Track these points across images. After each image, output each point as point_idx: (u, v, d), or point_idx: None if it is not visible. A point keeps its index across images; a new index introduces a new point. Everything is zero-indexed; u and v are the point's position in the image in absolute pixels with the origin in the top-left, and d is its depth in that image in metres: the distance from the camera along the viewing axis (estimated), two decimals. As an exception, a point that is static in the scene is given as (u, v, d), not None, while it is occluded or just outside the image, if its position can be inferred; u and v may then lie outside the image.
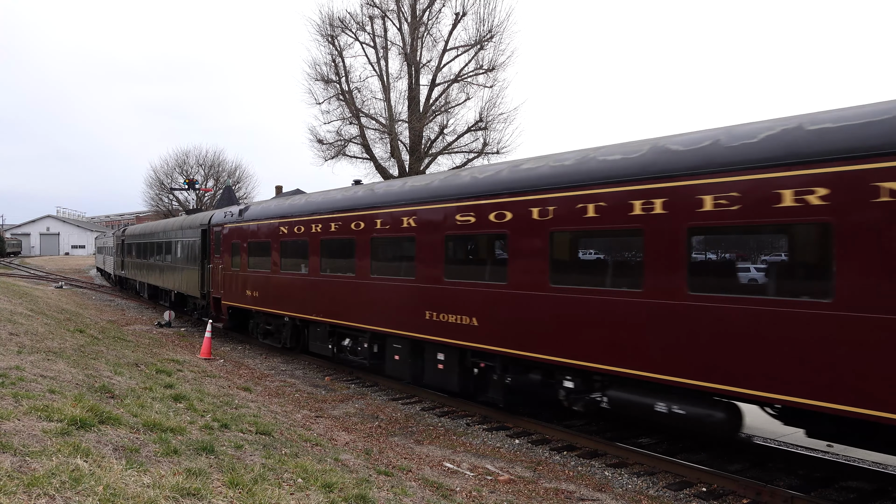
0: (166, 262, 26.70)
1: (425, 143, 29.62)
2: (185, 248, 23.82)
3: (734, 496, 7.67)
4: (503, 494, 7.54)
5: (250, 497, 4.94)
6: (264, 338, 17.82)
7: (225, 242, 19.20)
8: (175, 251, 25.18)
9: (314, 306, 14.39)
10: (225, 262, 19.20)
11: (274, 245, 16.11)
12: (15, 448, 4.79)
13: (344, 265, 13.45)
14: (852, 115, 6.28)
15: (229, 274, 18.86)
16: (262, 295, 16.75)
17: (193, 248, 22.48)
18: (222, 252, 19.38)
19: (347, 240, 13.20)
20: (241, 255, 17.96)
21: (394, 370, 12.41)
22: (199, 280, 21.74)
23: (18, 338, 11.49)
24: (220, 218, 20.02)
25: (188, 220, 24.78)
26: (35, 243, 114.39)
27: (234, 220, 18.68)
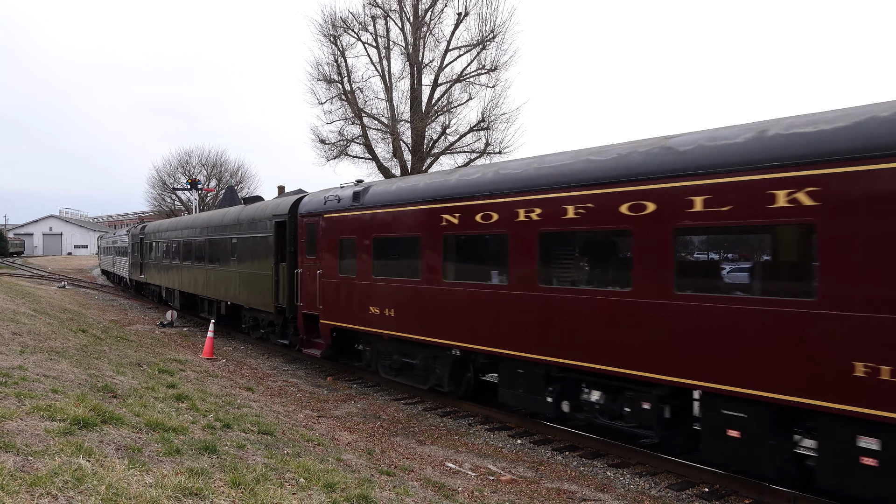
0: (214, 265, 21.23)
1: (427, 143, 29.63)
2: (246, 246, 18.47)
3: (736, 496, 7.66)
4: (505, 494, 7.54)
5: (252, 497, 4.94)
6: (396, 374, 12.86)
7: (326, 238, 14.19)
8: (229, 251, 19.81)
9: (519, 336, 9.54)
10: (326, 266, 14.16)
11: (429, 242, 11.26)
12: (18, 447, 4.80)
13: (598, 275, 8.83)
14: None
15: (334, 283, 13.86)
16: (402, 314, 11.93)
17: (262, 247, 17.19)
18: (320, 251, 14.37)
19: (612, 232, 8.53)
20: (360, 257, 13.05)
21: (730, 457, 7.44)
22: (273, 289, 16.41)
23: (21, 337, 11.51)
24: (317, 204, 14.77)
25: (251, 210, 18.84)
26: (38, 243, 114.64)
27: (343, 206, 13.71)
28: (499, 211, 9.95)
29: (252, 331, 19.38)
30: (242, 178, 61.57)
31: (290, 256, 15.72)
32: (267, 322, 17.97)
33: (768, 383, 6.81)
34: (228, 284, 19.99)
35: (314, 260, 14.66)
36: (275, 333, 17.51)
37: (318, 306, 14.40)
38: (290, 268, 15.66)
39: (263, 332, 18.41)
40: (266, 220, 17.15)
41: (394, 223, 12.23)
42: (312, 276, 14.71)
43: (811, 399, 6.48)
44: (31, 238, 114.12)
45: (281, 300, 16.14)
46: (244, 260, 18.60)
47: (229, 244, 19.92)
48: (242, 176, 61.82)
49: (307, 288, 14.90)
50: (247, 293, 18.45)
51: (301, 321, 15.23)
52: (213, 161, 61.86)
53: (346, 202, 13.70)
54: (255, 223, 17.95)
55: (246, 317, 19.67)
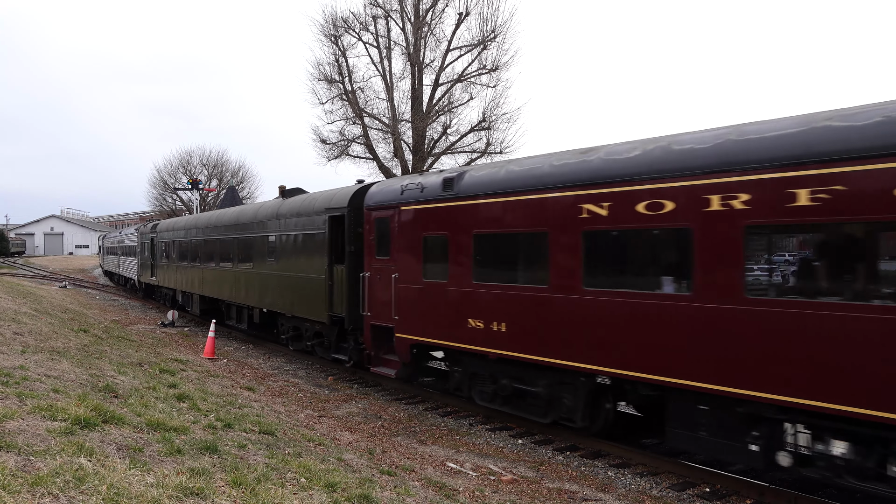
0: (245, 266, 18.74)
1: (428, 143, 29.63)
2: (289, 245, 16.03)
3: (737, 496, 7.65)
4: (506, 494, 7.54)
5: (253, 497, 4.94)
6: (503, 403, 10.43)
7: (405, 235, 11.72)
8: (265, 251, 17.31)
9: (713, 363, 7.35)
10: (404, 269, 11.69)
11: (561, 239, 8.97)
12: (19, 447, 4.80)
13: (852, 283, 6.45)
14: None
15: (416, 289, 11.42)
16: (517, 329, 9.64)
17: (311, 246, 14.83)
18: (396, 251, 11.92)
19: (885, 225, 6.16)
20: (454, 257, 10.64)
21: None
22: (327, 295, 13.95)
23: (23, 337, 11.52)
24: (391, 195, 12.23)
25: (295, 204, 16.13)
26: (39, 243, 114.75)
27: (429, 195, 11.20)
28: (676, 198, 7.74)
29: (292, 342, 16.70)
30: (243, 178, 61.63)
31: (349, 257, 13.28)
32: (312, 333, 15.44)
33: None
34: (264, 289, 17.32)
35: (387, 261, 12.11)
36: (324, 346, 15.05)
37: (392, 317, 11.84)
38: (352, 271, 13.23)
39: (309, 345, 15.73)
40: (316, 214, 14.59)
41: (505, 216, 9.87)
42: (385, 280, 12.12)
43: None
44: (33, 238, 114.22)
45: (337, 308, 13.67)
46: (286, 261, 16.08)
47: (265, 243, 17.33)
48: (243, 176, 61.89)
49: (377, 295, 12.32)
50: (289, 299, 15.91)
51: (368, 334, 12.61)
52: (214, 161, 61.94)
53: (432, 191, 11.15)
54: (301, 218, 15.39)
55: (285, 326, 16.98)
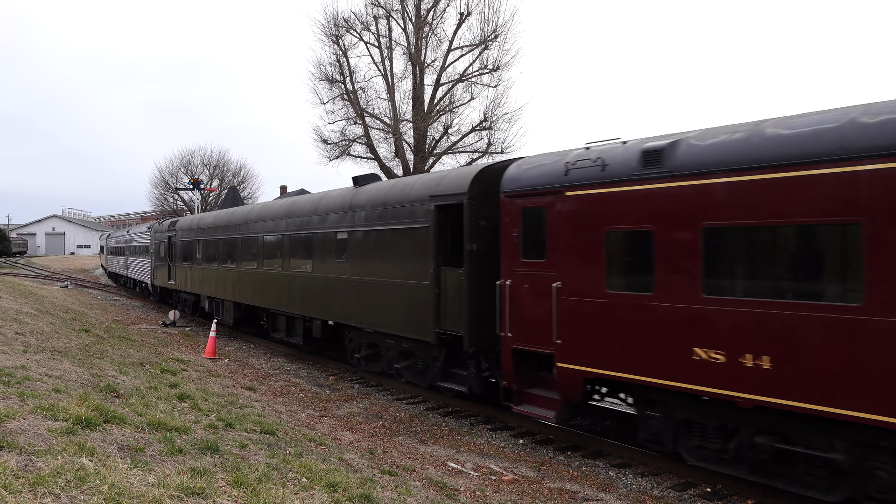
0: (304, 268, 15.63)
1: (430, 143, 29.65)
2: (375, 242, 12.84)
3: (738, 497, 7.65)
4: (507, 494, 7.54)
5: (255, 496, 4.94)
6: (750, 468, 7.40)
7: (572, 230, 8.86)
8: (336, 250, 14.15)
9: None
10: (571, 275, 8.83)
11: (890, 233, 6.11)
12: (20, 447, 4.81)
13: None
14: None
15: (595, 304, 8.54)
16: (792, 364, 6.71)
17: (407, 245, 11.84)
18: (557, 252, 9.03)
19: None
20: (664, 260, 7.77)
21: None
22: (433, 306, 11.05)
23: (24, 337, 11.53)
24: (548, 175, 9.24)
25: (384, 189, 13.08)
26: (41, 243, 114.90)
27: (615, 175, 8.35)
28: None
29: (368, 362, 13.75)
30: (245, 177, 61.67)
31: (471, 259, 10.32)
32: (399, 352, 12.56)
33: None
34: (329, 297, 14.35)
35: (541, 266, 9.22)
36: (417, 370, 12.16)
37: (551, 340, 8.95)
38: (475, 276, 10.31)
39: (397, 368, 12.71)
40: (414, 203, 11.61)
41: (767, 202, 6.88)
42: (537, 290, 9.24)
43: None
44: (34, 238, 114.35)
45: (450, 324, 10.73)
46: (364, 263, 13.11)
47: (331, 241, 14.33)
48: (245, 176, 61.91)
49: (524, 310, 9.45)
50: (370, 310, 12.87)
51: (509, 361, 9.66)
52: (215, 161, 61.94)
53: (623, 168, 8.24)
54: (388, 209, 12.41)
55: (355, 342, 14.06)
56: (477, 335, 10.39)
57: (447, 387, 11.38)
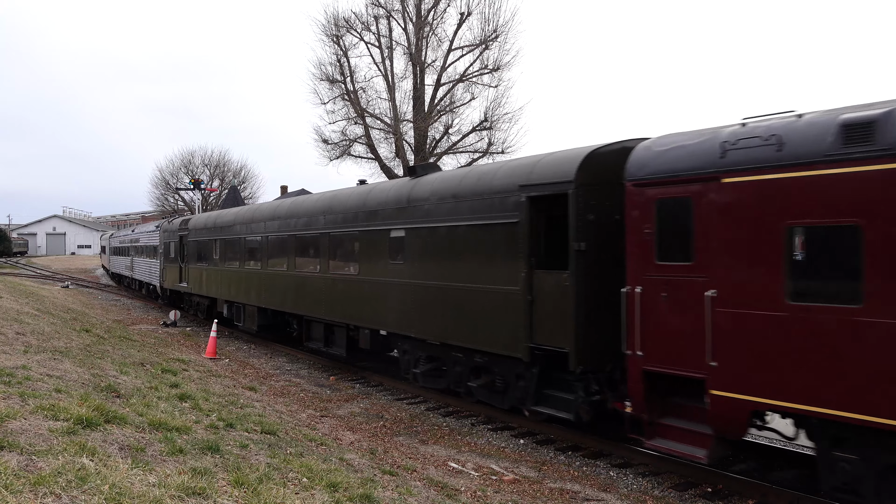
0: (348, 270, 13.78)
1: (430, 143, 29.67)
2: (443, 241, 11.02)
3: (739, 497, 7.64)
4: (508, 494, 7.54)
5: (255, 496, 4.95)
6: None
7: (732, 226, 7.27)
8: (390, 250, 12.32)
9: None
10: (731, 283, 7.25)
11: None
12: (21, 447, 4.81)
13: None
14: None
15: (768, 318, 6.95)
16: None
17: (490, 242, 10.04)
18: (709, 253, 7.44)
19: None
20: (887, 264, 6.15)
21: None
22: (524, 316, 9.36)
23: (25, 337, 11.54)
24: (692, 156, 7.64)
25: (455, 179, 11.28)
26: (41, 243, 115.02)
27: (803, 155, 6.77)
28: None
29: (427, 378, 11.83)
30: (245, 178, 61.76)
31: (579, 261, 8.62)
32: (470, 368, 10.81)
33: None
34: (381, 303, 12.57)
35: (687, 270, 7.60)
36: (495, 390, 10.35)
37: (704, 361, 7.32)
38: (584, 281, 8.67)
39: (472, 387, 10.74)
40: (499, 195, 9.85)
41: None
42: (682, 299, 7.62)
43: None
44: (35, 238, 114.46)
45: (550, 337, 9.03)
46: (428, 264, 11.29)
47: (383, 240, 12.48)
48: (245, 176, 62.01)
49: (662, 322, 7.84)
50: (436, 318, 11.11)
51: (639, 386, 8.03)
52: (216, 161, 62.04)
53: (807, 148, 6.72)
54: (462, 202, 10.60)
55: (411, 355, 12.21)
56: (587, 352, 8.67)
57: (543, 412, 9.48)
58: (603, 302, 8.63)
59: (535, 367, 9.45)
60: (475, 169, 11.29)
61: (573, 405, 8.99)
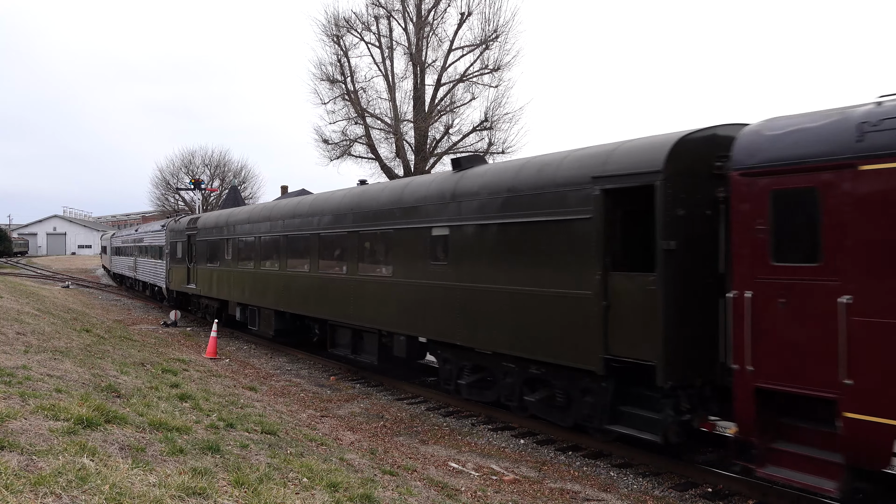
0: (382, 271, 12.79)
1: (430, 143, 29.70)
2: (496, 240, 10.01)
3: (740, 497, 7.64)
4: (508, 494, 7.54)
5: (256, 496, 4.95)
6: None
7: (874, 221, 6.20)
8: (432, 251, 11.32)
9: None
10: (871, 287, 6.17)
11: None
12: (22, 447, 4.81)
13: None
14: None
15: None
16: None
17: (555, 241, 9.06)
18: (841, 253, 6.38)
19: None
20: None
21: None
22: (599, 324, 8.40)
23: (25, 337, 11.55)
24: (819, 141, 6.61)
25: (511, 171, 10.23)
26: (42, 243, 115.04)
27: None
28: None
29: (473, 391, 10.93)
30: (246, 178, 61.82)
31: (666, 260, 7.65)
32: (523, 380, 9.94)
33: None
34: (422, 307, 11.47)
35: (813, 272, 6.57)
36: (564, 408, 9.36)
37: (836, 379, 6.31)
38: (675, 285, 7.69)
39: (529, 401, 9.80)
40: (564, 188, 8.87)
41: None
42: (807, 306, 6.63)
43: None
44: (35, 238, 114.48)
45: (626, 347, 8.09)
46: (478, 266, 10.24)
47: (424, 238, 11.43)
48: (246, 176, 62.07)
49: (780, 333, 6.81)
50: (487, 325, 10.07)
51: (751, 406, 7.03)
52: (216, 161, 62.11)
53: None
54: (517, 198, 9.62)
55: (453, 364, 11.31)
56: (677, 365, 7.65)
57: (620, 432, 8.41)
58: (693, 308, 7.75)
59: (610, 380, 8.44)
60: (534, 160, 10.05)
61: (660, 425, 7.89)
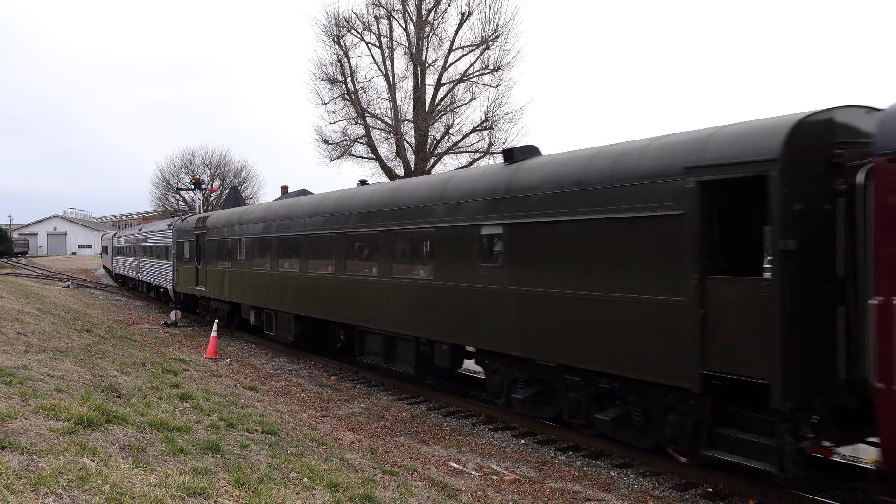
0: (422, 273, 11.82)
1: (431, 143, 29.70)
2: (562, 239, 8.96)
3: (740, 497, 7.64)
4: (509, 494, 7.54)
5: (256, 496, 4.95)
6: None
7: None
8: (481, 251, 10.33)
9: None
10: None
11: None
12: (22, 447, 4.82)
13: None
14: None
15: None
16: None
17: (635, 242, 7.96)
18: None
19: None
20: None
21: None
22: (695, 336, 7.27)
23: (26, 337, 11.55)
24: None
25: (580, 162, 9.03)
26: (42, 243, 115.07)
27: None
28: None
29: (529, 406, 9.98)
30: (246, 178, 61.83)
31: (784, 262, 6.61)
32: (593, 395, 8.92)
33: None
34: (469, 313, 10.40)
35: None
36: (642, 428, 8.35)
37: None
38: (796, 291, 6.66)
39: (602, 420, 8.65)
40: (650, 180, 7.78)
41: None
42: None
43: None
44: (36, 238, 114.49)
45: (730, 362, 7.04)
46: (540, 268, 9.13)
47: (472, 239, 10.39)
48: (246, 176, 62.07)
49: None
50: (551, 333, 8.98)
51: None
52: (216, 161, 62.10)
53: None
54: (587, 192, 8.50)
55: (504, 375, 10.33)
56: (797, 383, 6.64)
57: (723, 459, 7.31)
58: (811, 318, 6.75)
59: (706, 399, 7.40)
60: (605, 150, 8.88)
61: (775, 453, 6.83)
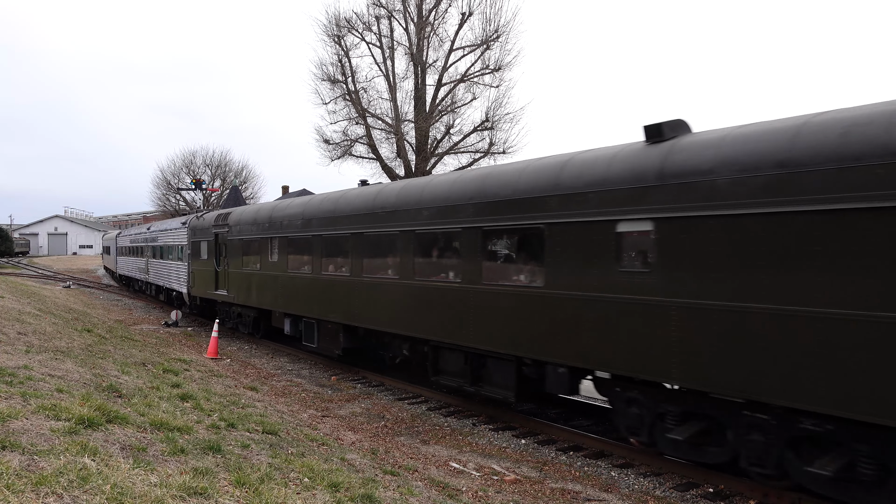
0: (518, 278, 9.83)
1: (431, 143, 29.70)
2: (748, 241, 6.65)
3: (741, 497, 7.63)
4: (509, 494, 7.54)
5: (257, 496, 4.95)
6: None
7: None
8: (598, 252, 8.28)
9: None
10: None
11: None
12: (23, 447, 4.82)
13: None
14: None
15: None
16: None
17: (839, 244, 6.00)
18: None
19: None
20: None
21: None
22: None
23: (27, 337, 11.55)
24: None
25: (786, 135, 6.53)
26: (43, 243, 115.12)
27: None
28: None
29: (691, 449, 7.91)
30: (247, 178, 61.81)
31: None
32: (786, 438, 6.90)
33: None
34: (597, 329, 8.30)
35: None
36: (880, 484, 6.29)
37: None
38: None
39: (813, 474, 6.58)
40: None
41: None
42: None
43: None
44: (37, 238, 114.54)
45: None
46: (716, 276, 7.00)
47: (603, 238, 8.24)
48: (247, 176, 62.06)
49: None
50: (725, 360, 6.92)
51: None
52: (217, 161, 62.11)
53: None
54: (794, 176, 6.35)
55: (646, 408, 8.33)
56: None
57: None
58: None
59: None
60: (815, 119, 6.59)
61: None
